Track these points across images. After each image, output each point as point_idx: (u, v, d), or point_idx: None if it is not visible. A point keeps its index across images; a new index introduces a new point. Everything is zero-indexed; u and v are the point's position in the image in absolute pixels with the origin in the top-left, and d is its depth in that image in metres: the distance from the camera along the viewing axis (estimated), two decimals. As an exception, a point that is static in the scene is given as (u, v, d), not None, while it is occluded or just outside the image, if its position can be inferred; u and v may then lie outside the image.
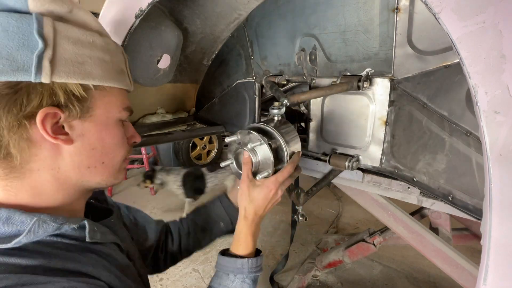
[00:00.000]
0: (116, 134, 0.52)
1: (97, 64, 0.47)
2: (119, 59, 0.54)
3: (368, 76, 0.81)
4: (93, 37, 0.47)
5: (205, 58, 1.15)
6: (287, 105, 0.75)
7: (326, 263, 1.75)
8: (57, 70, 0.41)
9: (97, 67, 0.47)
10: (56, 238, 0.45)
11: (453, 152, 0.70)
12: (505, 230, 0.40)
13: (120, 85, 0.52)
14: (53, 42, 0.41)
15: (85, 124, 0.47)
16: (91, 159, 0.49)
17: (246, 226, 0.68)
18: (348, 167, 0.88)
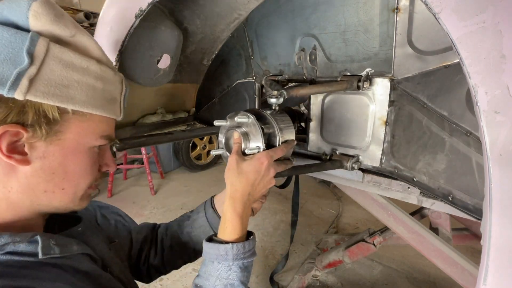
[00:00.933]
0: (83, 161, 0.50)
1: (84, 89, 0.46)
2: (114, 87, 0.53)
3: (368, 76, 0.81)
4: (89, 63, 0.47)
5: (205, 58, 1.15)
6: (285, 97, 0.75)
7: (326, 263, 1.75)
8: (35, 89, 0.41)
9: (83, 92, 0.46)
10: (6, 257, 0.42)
11: (453, 152, 0.70)
12: (505, 230, 0.40)
13: (104, 113, 0.50)
14: (41, 61, 0.41)
15: (49, 147, 0.45)
16: (49, 183, 0.46)
17: (231, 207, 0.60)
18: (349, 167, 0.88)
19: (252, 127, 0.67)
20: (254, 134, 0.67)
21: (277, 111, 0.75)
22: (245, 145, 0.68)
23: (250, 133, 0.68)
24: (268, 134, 0.69)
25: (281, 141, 0.69)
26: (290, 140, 0.71)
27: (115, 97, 0.54)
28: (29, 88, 0.40)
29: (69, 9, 3.29)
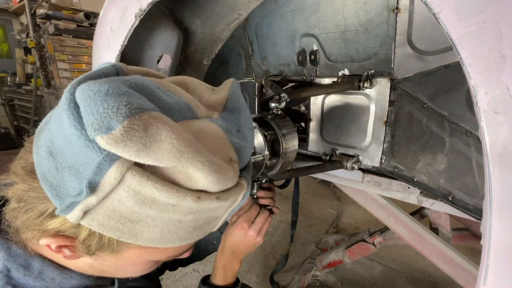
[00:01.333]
0: (140, 268, 0.47)
1: (160, 226, 0.36)
2: (218, 210, 0.41)
3: (368, 76, 0.81)
4: (183, 199, 0.34)
5: (205, 58, 1.15)
6: (287, 100, 0.75)
7: (326, 263, 1.75)
8: (91, 218, 0.33)
9: (157, 230, 0.36)
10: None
11: (453, 152, 0.70)
12: (505, 230, 0.40)
13: (185, 243, 0.41)
14: (106, 193, 0.31)
15: (102, 255, 0.40)
16: (101, 273, 0.46)
17: (220, 258, 0.73)
18: (348, 167, 0.88)
19: (255, 134, 0.68)
20: (257, 141, 0.68)
21: (278, 115, 0.75)
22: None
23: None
24: (271, 141, 0.70)
25: (284, 148, 0.70)
26: (267, 190, 0.78)
27: (215, 216, 0.42)
28: (83, 217, 0.33)
29: (69, 9, 3.29)
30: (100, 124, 0.26)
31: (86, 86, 0.28)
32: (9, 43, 5.13)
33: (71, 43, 3.15)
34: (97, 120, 0.27)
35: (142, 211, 0.33)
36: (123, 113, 0.27)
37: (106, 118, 0.27)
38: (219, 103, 0.46)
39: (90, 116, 0.27)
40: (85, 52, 3.26)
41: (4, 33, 5.05)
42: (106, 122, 0.27)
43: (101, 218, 0.33)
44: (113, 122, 0.27)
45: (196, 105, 0.41)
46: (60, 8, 3.22)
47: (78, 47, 3.21)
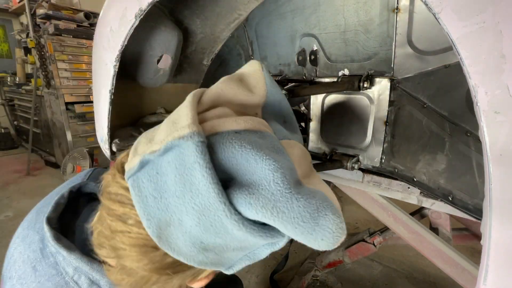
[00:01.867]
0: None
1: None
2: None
3: (368, 76, 0.81)
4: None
5: (205, 58, 1.15)
6: (287, 98, 0.75)
7: (326, 263, 1.75)
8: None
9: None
10: None
11: (453, 152, 0.70)
12: (505, 230, 0.40)
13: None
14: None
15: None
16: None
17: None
18: (349, 167, 0.88)
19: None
20: None
21: None
22: None
23: None
24: None
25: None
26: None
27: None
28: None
29: (69, 9, 3.29)
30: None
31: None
32: (9, 43, 5.13)
33: (71, 43, 3.15)
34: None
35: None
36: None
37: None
38: (260, 101, 0.47)
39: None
40: (85, 52, 3.26)
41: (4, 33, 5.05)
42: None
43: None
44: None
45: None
46: (60, 8, 3.22)
47: (78, 47, 3.21)
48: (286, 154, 0.39)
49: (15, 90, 4.23)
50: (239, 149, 0.33)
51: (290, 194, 0.32)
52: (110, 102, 0.86)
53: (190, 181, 0.31)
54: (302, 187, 0.35)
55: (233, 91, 0.44)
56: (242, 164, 0.33)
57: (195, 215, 0.32)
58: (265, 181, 0.32)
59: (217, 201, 0.30)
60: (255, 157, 0.33)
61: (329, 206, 0.33)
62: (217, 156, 0.33)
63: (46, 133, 3.68)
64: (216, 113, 0.40)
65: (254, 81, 0.47)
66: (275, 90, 0.47)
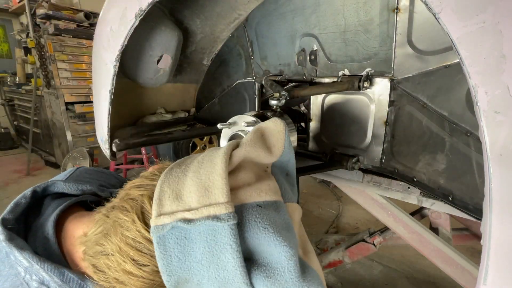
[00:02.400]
0: None
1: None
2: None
3: (368, 76, 0.81)
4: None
5: (205, 58, 1.15)
6: (287, 98, 0.75)
7: (326, 263, 1.75)
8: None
9: None
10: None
11: (453, 152, 0.70)
12: (505, 230, 0.40)
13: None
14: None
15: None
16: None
17: None
18: (349, 167, 0.88)
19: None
20: None
21: (278, 112, 0.75)
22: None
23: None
24: None
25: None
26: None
27: None
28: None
29: (69, 9, 3.29)
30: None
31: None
32: (9, 43, 5.14)
33: (71, 43, 3.15)
34: None
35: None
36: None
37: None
38: (275, 159, 0.50)
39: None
40: (85, 52, 3.26)
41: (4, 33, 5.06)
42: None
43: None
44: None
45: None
46: (60, 8, 3.22)
47: (78, 47, 3.21)
48: (293, 228, 0.44)
49: (15, 90, 4.23)
50: (263, 231, 0.38)
51: (299, 283, 0.37)
52: (110, 102, 0.86)
53: (218, 256, 0.35)
54: (305, 270, 0.40)
55: (256, 153, 0.47)
56: (263, 245, 0.38)
57: (216, 284, 0.36)
58: (281, 267, 0.37)
59: (242, 281, 0.35)
60: (275, 242, 0.37)
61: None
62: (243, 233, 0.38)
63: (46, 133, 3.68)
64: (242, 180, 0.44)
65: (274, 141, 0.50)
66: (289, 150, 0.51)
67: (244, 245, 0.38)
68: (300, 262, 0.41)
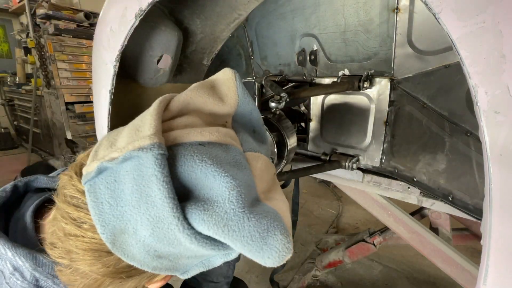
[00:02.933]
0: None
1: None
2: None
3: (368, 76, 0.81)
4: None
5: (205, 58, 1.15)
6: (287, 100, 0.75)
7: (326, 263, 1.75)
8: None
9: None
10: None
11: (453, 152, 0.70)
12: (505, 230, 0.40)
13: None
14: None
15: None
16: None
17: None
18: (348, 167, 0.88)
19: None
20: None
21: (278, 114, 0.75)
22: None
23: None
24: (277, 143, 0.70)
25: (288, 149, 0.71)
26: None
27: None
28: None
29: (69, 9, 3.29)
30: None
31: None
32: (9, 43, 5.13)
33: (71, 43, 3.15)
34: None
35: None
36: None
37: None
38: (231, 110, 0.47)
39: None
40: (85, 52, 3.26)
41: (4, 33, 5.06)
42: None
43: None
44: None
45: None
46: (60, 8, 3.22)
47: (78, 47, 3.21)
48: (248, 168, 0.40)
49: (15, 90, 4.23)
50: (199, 163, 0.33)
51: (242, 214, 0.33)
52: (110, 102, 0.86)
53: (146, 192, 0.32)
54: (257, 205, 0.36)
55: (202, 99, 0.44)
56: (200, 179, 0.34)
57: (149, 226, 0.32)
58: (221, 199, 0.33)
59: (171, 215, 0.31)
60: (213, 173, 0.33)
61: (279, 226, 0.34)
62: (176, 168, 0.34)
63: (46, 133, 3.68)
64: (183, 122, 0.40)
65: (226, 90, 0.46)
66: (247, 100, 0.47)
67: (178, 181, 0.34)
68: (253, 199, 0.37)
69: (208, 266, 0.41)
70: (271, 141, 0.67)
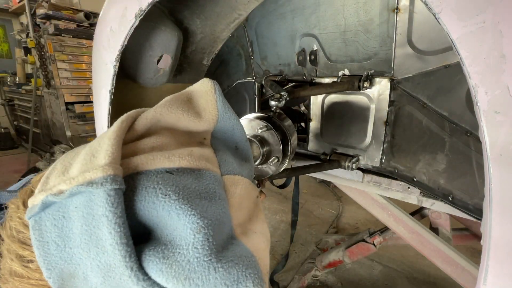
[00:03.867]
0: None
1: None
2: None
3: (368, 76, 0.81)
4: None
5: (205, 58, 1.15)
6: (287, 99, 0.75)
7: (326, 263, 1.75)
8: None
9: None
10: None
11: (453, 152, 0.70)
12: (505, 230, 0.40)
13: None
14: None
15: None
16: None
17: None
18: (348, 167, 0.88)
19: (270, 136, 0.68)
20: (271, 143, 0.69)
21: (278, 113, 0.75)
22: (262, 151, 0.69)
23: (267, 140, 0.69)
24: (281, 141, 0.71)
25: (292, 148, 0.71)
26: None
27: None
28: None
29: (69, 9, 3.29)
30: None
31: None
32: (9, 43, 5.13)
33: (71, 43, 3.15)
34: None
35: None
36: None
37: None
38: (209, 126, 0.42)
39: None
40: (85, 52, 3.26)
41: (4, 33, 5.06)
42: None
43: None
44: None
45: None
46: (60, 8, 3.22)
47: (78, 47, 3.21)
48: (224, 198, 0.35)
49: (15, 90, 4.23)
50: (162, 198, 0.29)
51: (208, 263, 0.28)
52: (110, 102, 0.86)
53: (96, 235, 0.27)
54: (228, 248, 0.32)
55: (175, 116, 0.39)
56: (163, 217, 0.29)
57: (100, 274, 0.28)
58: (184, 243, 0.28)
59: (123, 264, 0.26)
60: (178, 211, 0.29)
61: (252, 275, 0.30)
62: (135, 204, 0.29)
63: (46, 133, 3.68)
64: (150, 144, 0.35)
65: (204, 103, 0.42)
66: (228, 115, 0.43)
67: (136, 219, 0.29)
68: (226, 238, 0.33)
69: None
70: (277, 139, 0.67)
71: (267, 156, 0.70)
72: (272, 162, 0.67)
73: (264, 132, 0.67)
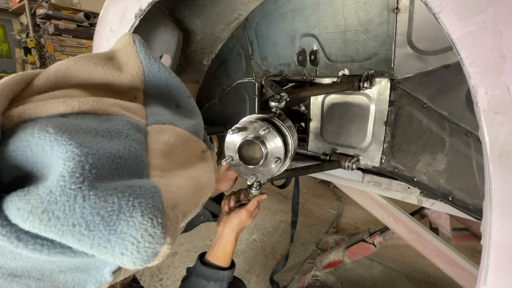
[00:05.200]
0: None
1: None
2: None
3: (368, 76, 0.81)
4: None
5: (205, 58, 1.15)
6: (287, 100, 0.75)
7: (326, 263, 1.75)
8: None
9: None
10: None
11: (453, 152, 0.70)
12: (505, 230, 0.40)
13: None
14: None
15: None
16: None
17: (220, 239, 0.82)
18: (348, 167, 0.88)
19: (272, 138, 0.69)
20: (273, 144, 0.69)
21: (278, 113, 0.75)
22: (265, 150, 0.69)
23: (269, 142, 0.69)
24: (283, 142, 0.71)
25: (293, 149, 0.71)
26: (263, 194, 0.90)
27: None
28: None
29: (69, 9, 3.30)
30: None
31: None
32: (9, 43, 5.13)
33: (71, 43, 3.15)
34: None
35: None
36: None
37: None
38: (135, 81, 0.37)
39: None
40: (85, 52, 3.26)
41: (4, 33, 5.05)
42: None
43: None
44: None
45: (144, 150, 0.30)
46: (60, 8, 3.22)
47: (78, 47, 3.21)
48: (136, 139, 0.29)
49: (15, 90, 4.22)
50: (37, 135, 0.24)
51: (76, 191, 0.22)
52: (110, 102, 0.87)
53: None
54: (121, 181, 0.25)
55: (85, 68, 0.33)
56: (37, 155, 0.24)
57: None
58: (53, 175, 0.23)
59: None
60: (52, 143, 0.23)
61: (143, 204, 0.24)
62: (7, 147, 0.24)
63: (46, 133, 3.68)
64: (52, 95, 0.29)
65: (125, 58, 0.37)
66: (156, 67, 0.37)
67: (10, 165, 0.24)
68: (125, 177, 0.26)
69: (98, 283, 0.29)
70: (278, 140, 0.67)
71: (269, 157, 0.70)
72: (273, 163, 0.67)
73: (266, 133, 0.68)
